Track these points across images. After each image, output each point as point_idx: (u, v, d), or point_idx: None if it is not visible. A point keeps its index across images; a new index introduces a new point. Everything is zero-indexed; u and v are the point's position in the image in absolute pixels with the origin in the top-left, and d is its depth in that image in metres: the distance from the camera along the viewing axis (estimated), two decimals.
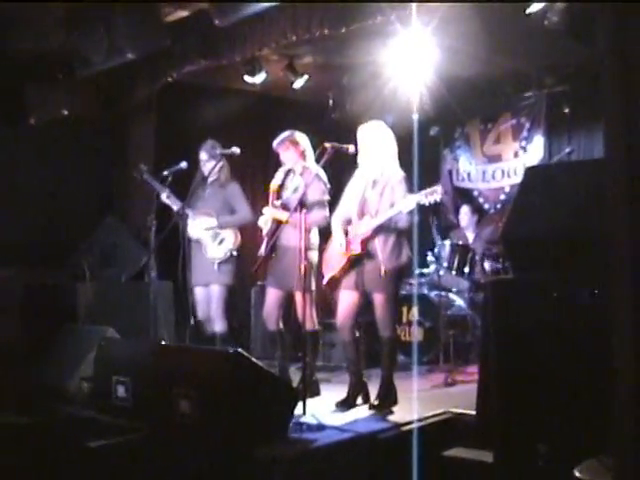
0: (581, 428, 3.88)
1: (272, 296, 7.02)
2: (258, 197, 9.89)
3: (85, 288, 7.83)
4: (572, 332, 4.00)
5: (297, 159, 7.00)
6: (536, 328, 4.19)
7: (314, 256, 6.87)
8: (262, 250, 6.99)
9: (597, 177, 4.47)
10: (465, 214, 10.13)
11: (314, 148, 6.95)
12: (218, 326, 7.39)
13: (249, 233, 8.46)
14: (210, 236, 7.37)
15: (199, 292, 7.35)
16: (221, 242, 7.37)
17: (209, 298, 7.40)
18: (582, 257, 4.14)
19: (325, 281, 6.54)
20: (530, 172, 5.09)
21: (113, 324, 6.88)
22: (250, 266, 8.85)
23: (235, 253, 7.43)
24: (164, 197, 7.39)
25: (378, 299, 6.31)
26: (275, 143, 7.06)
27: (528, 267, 4.53)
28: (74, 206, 8.28)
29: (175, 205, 7.40)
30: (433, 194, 6.01)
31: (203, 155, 7.43)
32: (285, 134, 7.07)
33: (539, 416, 4.14)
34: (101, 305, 7.66)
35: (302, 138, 7.05)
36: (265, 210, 7.02)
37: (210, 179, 7.46)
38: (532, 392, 4.18)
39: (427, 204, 6.07)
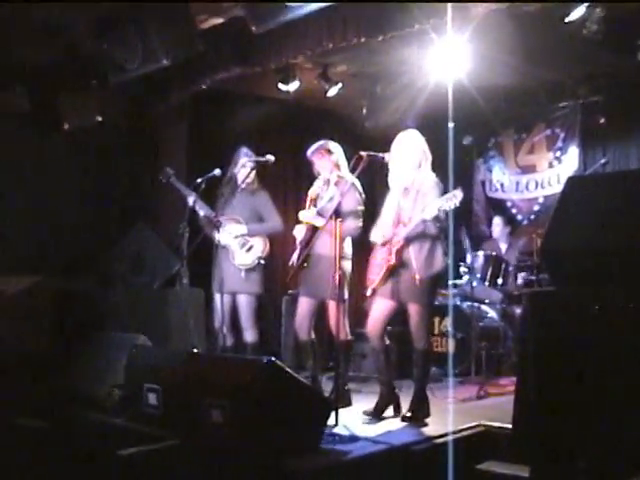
0: (624, 445, 3.79)
1: (304, 305, 6.97)
2: (290, 206, 9.88)
3: (116, 295, 7.82)
4: (615, 346, 3.91)
5: (331, 168, 6.97)
6: (576, 341, 4.12)
7: (347, 265, 6.84)
8: (294, 259, 6.96)
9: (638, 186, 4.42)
10: (497, 225, 10.04)
11: (347, 157, 6.93)
12: (249, 336, 7.36)
13: (279, 242, 8.44)
14: (238, 243, 7.34)
15: (224, 300, 7.20)
16: (249, 249, 7.34)
17: (235, 307, 7.36)
18: (625, 270, 4.07)
19: (369, 293, 6.48)
20: (571, 182, 4.99)
21: (144, 331, 6.84)
22: (280, 275, 8.88)
23: (263, 261, 7.40)
24: (190, 202, 7.34)
25: (413, 309, 6.26)
26: (309, 152, 7.03)
27: (568, 279, 4.45)
28: (105, 212, 8.28)
29: (202, 210, 7.37)
30: (453, 198, 6.00)
31: (244, 159, 7.38)
32: (319, 143, 7.04)
33: (580, 431, 4.05)
34: (132, 312, 7.65)
35: (335, 147, 7.02)
36: (301, 214, 6.99)
37: (239, 186, 7.41)
38: (573, 406, 4.10)
39: (448, 208, 6.05)
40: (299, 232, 7.01)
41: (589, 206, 4.57)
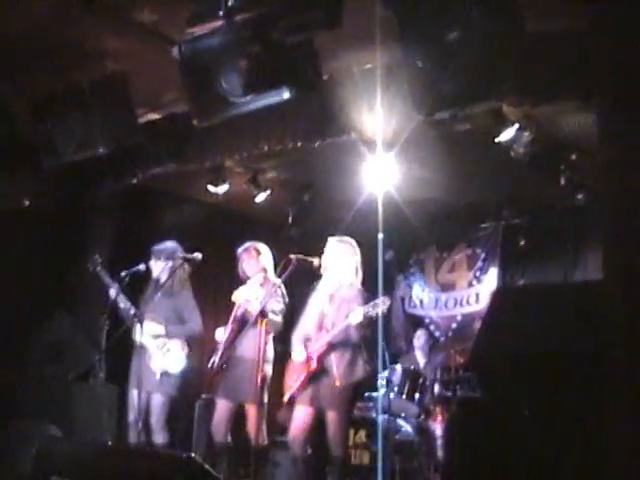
0: None
1: (222, 408, 6.87)
2: (209, 309, 9.79)
3: (29, 383, 7.58)
4: (546, 453, 3.91)
5: (258, 269, 6.99)
6: (506, 449, 4.11)
7: (269, 369, 6.78)
8: (216, 360, 6.84)
9: (566, 300, 4.53)
10: (422, 335, 10.07)
11: (274, 260, 6.97)
12: (159, 437, 7.12)
13: (196, 345, 8.31)
14: (156, 345, 7.15)
15: (140, 398, 6.95)
16: (167, 352, 7.15)
17: (149, 407, 7.14)
18: (551, 377, 4.12)
19: (286, 398, 6.43)
20: (499, 293, 5.09)
21: (56, 423, 6.63)
22: (194, 378, 8.73)
23: (180, 365, 7.21)
24: (112, 294, 7.19)
25: (332, 416, 6.23)
26: (240, 249, 7.08)
27: (497, 387, 4.48)
28: (23, 300, 8.06)
29: (122, 304, 7.20)
30: (381, 305, 6.07)
31: (154, 255, 7.32)
32: (248, 243, 7.11)
33: None
34: (45, 403, 7.41)
35: (264, 249, 7.10)
36: (236, 294, 6.92)
37: (162, 284, 7.29)
38: None
39: (375, 315, 6.10)
40: (220, 334, 6.96)
41: (517, 316, 4.64)
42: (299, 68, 5.05)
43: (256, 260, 7.02)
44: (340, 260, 6.48)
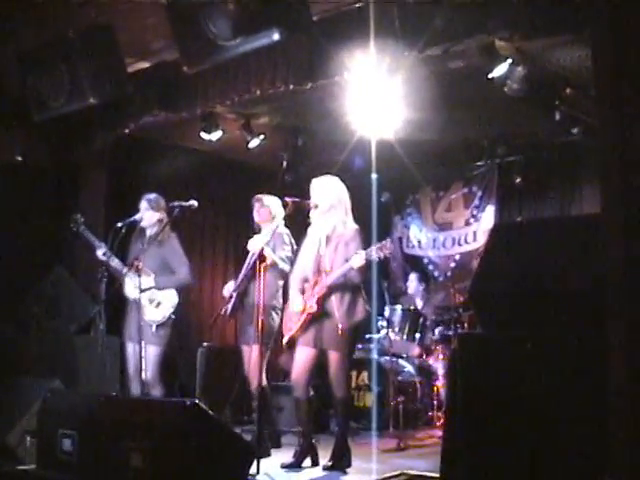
0: None
1: (246, 354, 6.94)
2: (206, 257, 9.83)
3: (30, 339, 7.58)
4: (546, 388, 3.92)
5: (268, 218, 7.02)
6: (508, 384, 4.11)
7: (276, 317, 6.86)
8: (228, 307, 7.02)
9: (562, 233, 4.53)
10: (412, 281, 10.13)
11: None
12: (155, 390, 7.04)
13: (194, 293, 8.31)
14: (147, 298, 6.98)
15: (135, 351, 6.90)
16: (158, 305, 7.04)
17: (145, 359, 7.05)
18: (552, 311, 4.12)
19: (285, 341, 6.44)
20: (498, 229, 5.07)
21: (59, 376, 6.64)
22: (195, 327, 8.78)
23: (173, 316, 7.07)
24: (100, 254, 7.00)
25: (334, 357, 6.22)
26: (253, 199, 7.12)
27: (496, 322, 4.48)
28: (22, 255, 8.04)
29: (113, 263, 7.01)
30: (383, 249, 6.01)
31: (143, 204, 7.16)
32: (257, 197, 7.17)
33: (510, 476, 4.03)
34: (46, 357, 7.42)
35: (271, 201, 7.12)
36: (250, 242, 6.96)
37: (149, 234, 7.19)
38: (504, 454, 4.07)
39: (378, 259, 6.08)
40: (228, 289, 7.10)
41: (514, 253, 4.63)
42: (288, 9, 4.98)
43: (263, 212, 7.04)
44: (324, 200, 6.40)
